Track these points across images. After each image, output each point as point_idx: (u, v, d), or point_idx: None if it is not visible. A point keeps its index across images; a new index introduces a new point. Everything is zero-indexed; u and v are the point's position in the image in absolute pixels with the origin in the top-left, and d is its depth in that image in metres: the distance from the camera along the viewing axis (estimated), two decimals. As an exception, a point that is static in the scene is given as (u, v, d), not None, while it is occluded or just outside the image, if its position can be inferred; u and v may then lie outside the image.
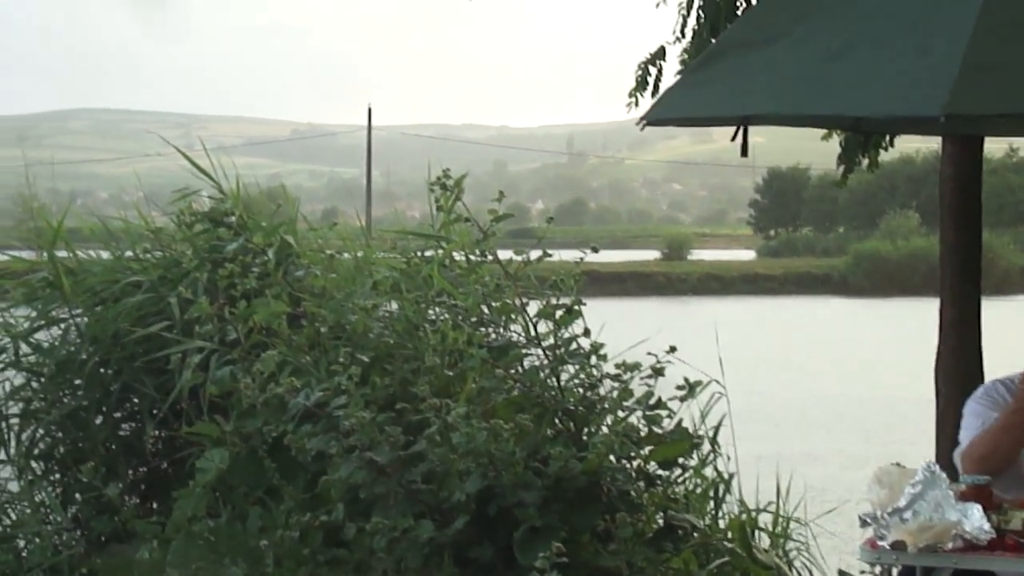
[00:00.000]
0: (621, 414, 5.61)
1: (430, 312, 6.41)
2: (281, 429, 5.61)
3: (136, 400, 6.86)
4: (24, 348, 7.03)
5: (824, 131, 7.46)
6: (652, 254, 74.10)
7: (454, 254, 6.62)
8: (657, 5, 7.52)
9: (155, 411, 6.65)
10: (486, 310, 6.26)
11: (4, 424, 6.93)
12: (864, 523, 4.16)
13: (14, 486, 6.85)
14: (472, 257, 6.35)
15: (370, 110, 69.37)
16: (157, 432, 6.72)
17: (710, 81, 4.05)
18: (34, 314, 7.07)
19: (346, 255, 7.03)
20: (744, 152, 4.13)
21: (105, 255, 7.36)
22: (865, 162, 8.03)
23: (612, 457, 5.39)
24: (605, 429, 5.62)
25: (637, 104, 7.36)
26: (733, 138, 4.17)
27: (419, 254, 6.85)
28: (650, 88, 7.39)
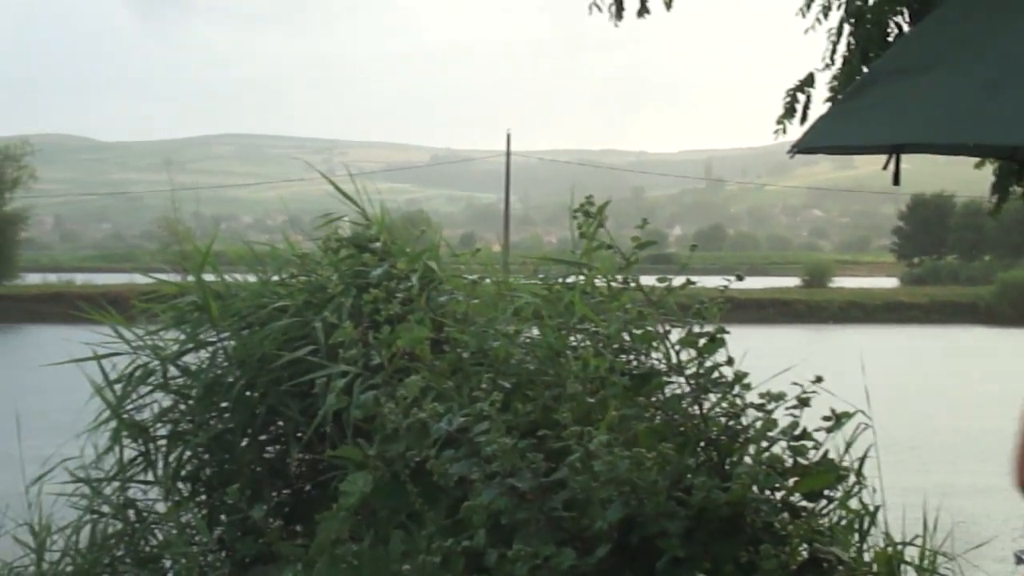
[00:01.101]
0: (765, 444, 5.53)
1: (571, 339, 6.40)
2: (423, 454, 5.63)
3: (281, 423, 6.93)
4: (172, 371, 7.15)
5: (977, 159, 7.29)
6: (792, 281, 73.34)
7: (595, 280, 6.61)
8: (806, 31, 7.42)
9: (299, 434, 6.71)
10: (627, 337, 6.23)
11: (152, 445, 7.04)
12: (1020, 560, 4.06)
13: (161, 507, 6.95)
14: (613, 284, 6.33)
15: (509, 135, 69.82)
16: (301, 455, 6.78)
17: (862, 109, 3.98)
18: (183, 337, 7.18)
19: (487, 280, 7.05)
20: (896, 180, 4.05)
21: (251, 279, 7.47)
22: (1020, 191, 7.83)
23: (756, 488, 5.32)
24: (749, 459, 5.54)
25: (785, 131, 7.27)
26: (885, 166, 4.10)
27: (560, 280, 6.85)
28: (798, 115, 7.29)
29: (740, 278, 5.79)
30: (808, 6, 7.46)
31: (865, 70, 6.70)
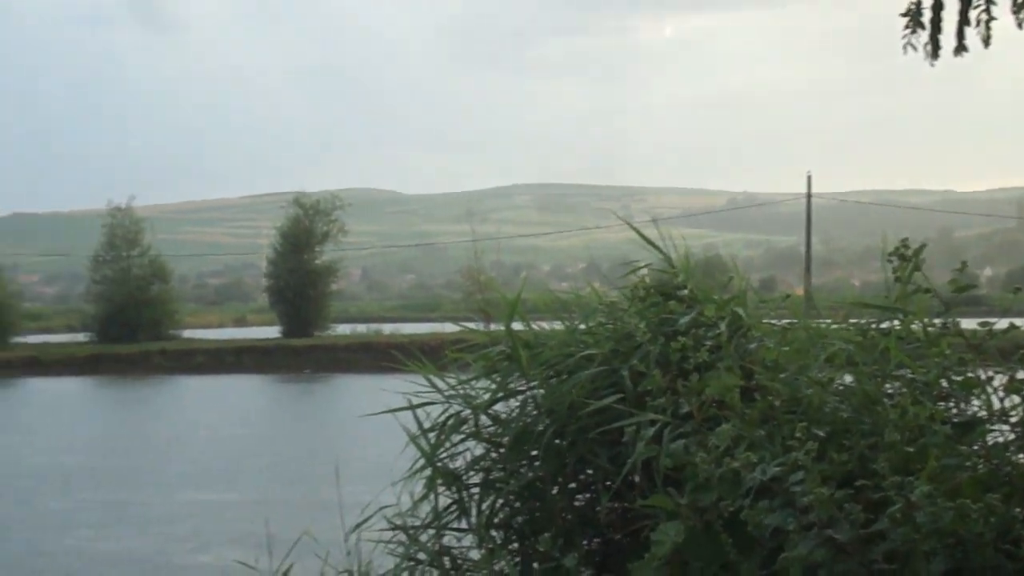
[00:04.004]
0: (1099, 495, 5.26)
1: (887, 386, 6.23)
2: (737, 504, 5.55)
3: (590, 471, 6.94)
4: (484, 419, 7.26)
5: None
6: (1114, 322, 69.87)
7: (911, 325, 6.42)
8: None
9: (609, 482, 6.70)
10: (946, 384, 6.03)
11: (466, 493, 7.15)
12: None
13: (475, 554, 7.04)
14: (931, 329, 6.14)
15: (810, 177, 68.96)
16: (611, 503, 6.77)
17: None
18: (493, 386, 7.28)
19: (797, 326, 6.93)
20: None
21: (556, 326, 7.52)
22: None
23: (1090, 541, 5.06)
24: (1081, 511, 5.28)
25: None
26: None
27: (874, 325, 6.68)
28: None
29: (1066, 321, 5.53)
30: None
31: None
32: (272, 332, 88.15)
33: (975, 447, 5.61)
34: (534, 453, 7.00)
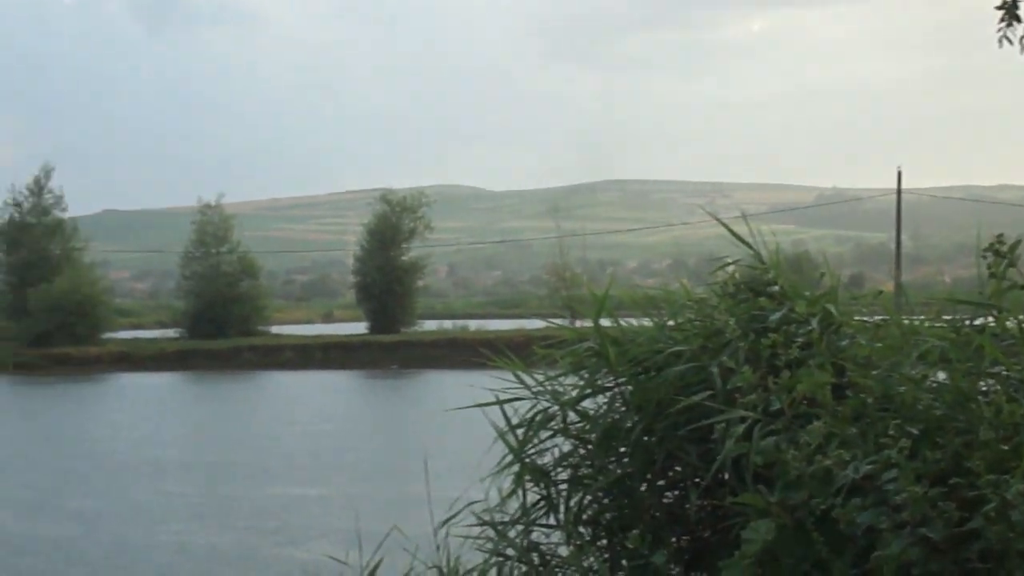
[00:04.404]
0: None
1: (981, 383, 6.14)
2: (828, 502, 5.50)
3: (679, 468, 6.91)
4: (571, 416, 7.24)
5: None
6: None
7: (1006, 322, 6.33)
8: None
9: (698, 480, 6.67)
10: (1040, 381, 5.94)
11: (554, 489, 7.14)
12: None
13: (563, 551, 7.03)
14: (1024, 326, 6.05)
15: (900, 173, 68.31)
16: (700, 501, 6.73)
17: None
18: (581, 382, 7.27)
19: (882, 320, 6.86)
20: None
21: (644, 323, 7.48)
22: None
23: None
24: None
25: None
26: None
27: (968, 322, 6.59)
28: None
29: None
30: None
31: None
32: (359, 328, 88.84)
33: (1072, 446, 5.52)
34: (622, 450, 6.97)
